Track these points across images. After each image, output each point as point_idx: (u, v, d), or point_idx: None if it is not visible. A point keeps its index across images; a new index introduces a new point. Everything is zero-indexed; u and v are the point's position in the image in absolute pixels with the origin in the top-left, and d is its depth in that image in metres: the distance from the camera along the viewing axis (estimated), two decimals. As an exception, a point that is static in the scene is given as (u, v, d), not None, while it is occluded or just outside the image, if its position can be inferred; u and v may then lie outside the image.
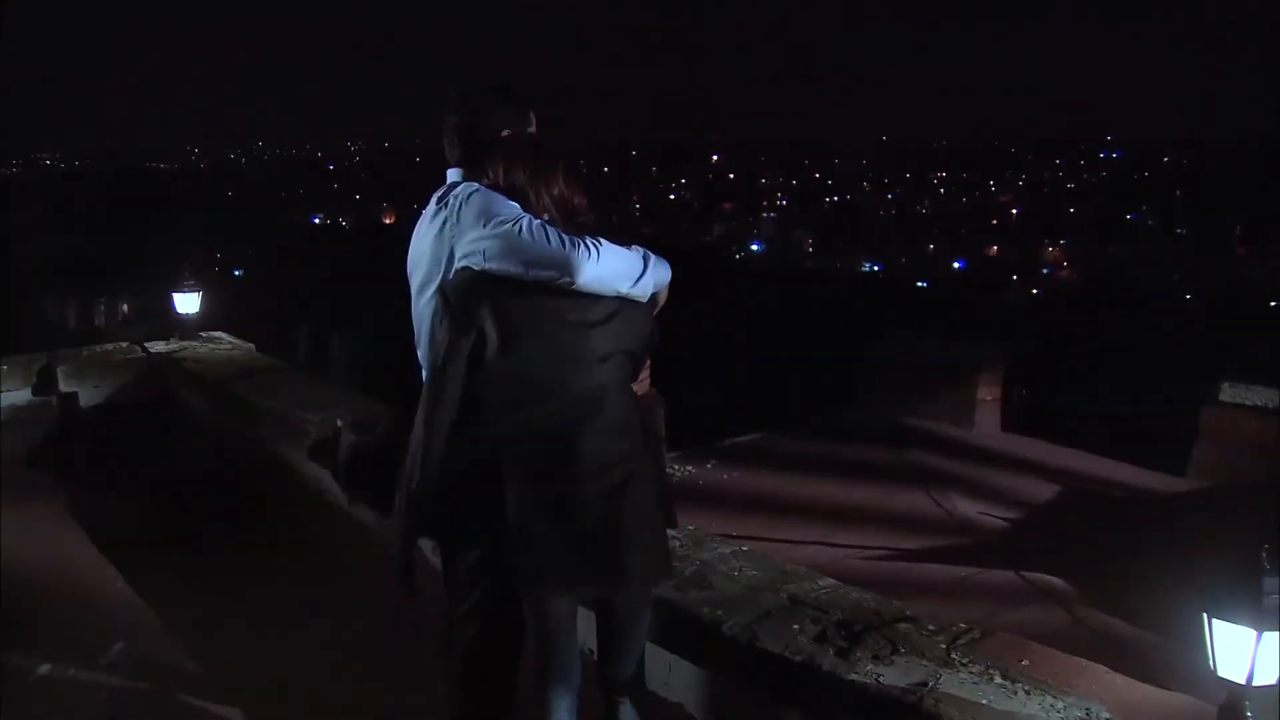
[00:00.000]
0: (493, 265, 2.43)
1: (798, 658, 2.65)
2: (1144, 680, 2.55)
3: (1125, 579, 4.74)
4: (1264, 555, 2.18)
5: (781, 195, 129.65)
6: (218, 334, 6.72)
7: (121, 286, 30.08)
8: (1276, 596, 2.13)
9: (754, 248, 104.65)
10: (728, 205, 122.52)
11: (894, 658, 2.62)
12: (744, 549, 3.32)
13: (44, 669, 3.73)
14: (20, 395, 6.06)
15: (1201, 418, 8.47)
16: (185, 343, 6.44)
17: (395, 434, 2.86)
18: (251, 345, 6.52)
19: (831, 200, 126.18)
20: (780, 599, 2.94)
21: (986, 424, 9.49)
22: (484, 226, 2.44)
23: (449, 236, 2.51)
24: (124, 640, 3.94)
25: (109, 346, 6.52)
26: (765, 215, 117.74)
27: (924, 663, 2.59)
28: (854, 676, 2.54)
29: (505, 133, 2.65)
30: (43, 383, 6.06)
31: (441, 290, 2.54)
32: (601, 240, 2.44)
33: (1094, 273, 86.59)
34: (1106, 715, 2.35)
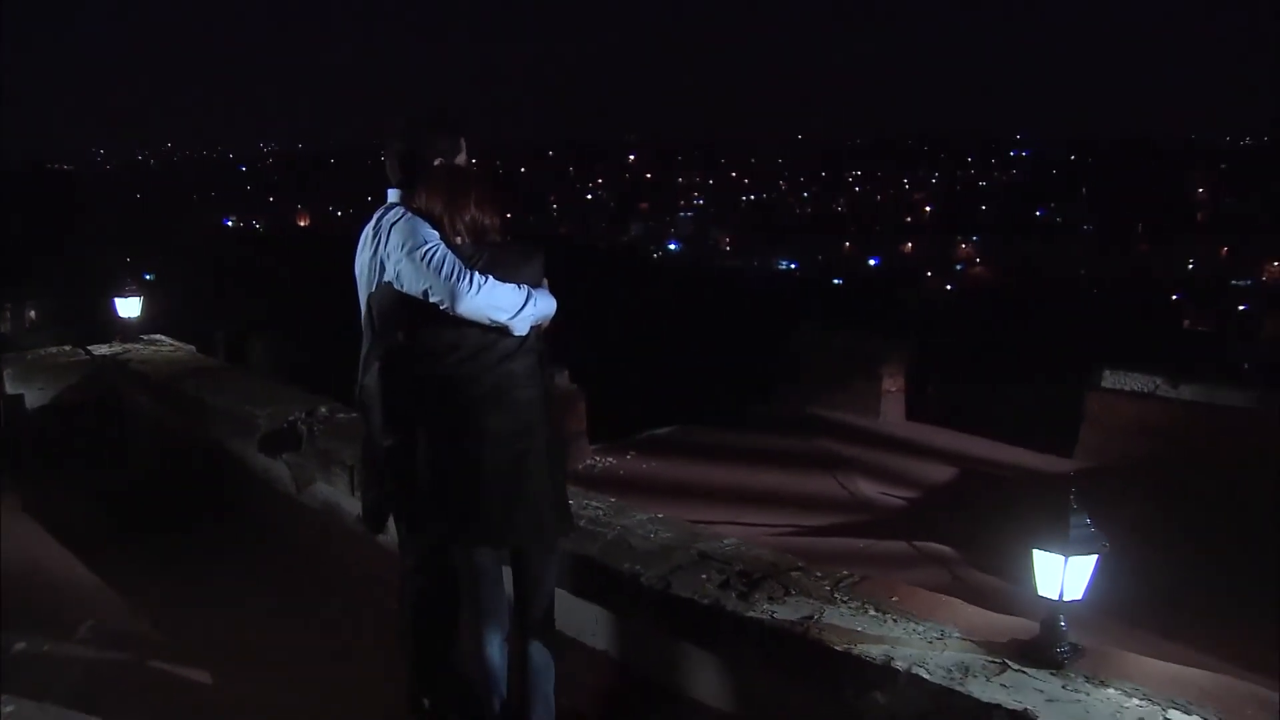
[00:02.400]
0: (409, 285, 2.89)
1: (705, 601, 3.12)
2: (992, 611, 3.09)
3: (1001, 545, 5.30)
4: (1072, 498, 2.72)
5: (698, 195, 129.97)
6: (158, 336, 6.98)
7: (26, 292, 29.39)
8: (1079, 530, 2.67)
9: (671, 247, 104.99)
10: (644, 205, 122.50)
11: (786, 598, 3.11)
12: (659, 516, 3.79)
13: (20, 646, 4.05)
14: (-36, 399, 6.26)
15: (1086, 403, 9.09)
16: (128, 345, 6.69)
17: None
18: (192, 347, 6.80)
19: (748, 199, 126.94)
20: (690, 555, 3.42)
21: (891, 413, 10.07)
22: (402, 251, 2.90)
23: (380, 255, 2.98)
24: (93, 619, 4.28)
25: (53, 350, 6.73)
26: (682, 215, 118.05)
27: (811, 601, 3.09)
28: (752, 614, 3.03)
29: (437, 161, 3.09)
30: (-11, 385, 6.27)
31: (368, 301, 3.01)
32: (489, 278, 2.86)
33: (1004, 268, 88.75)
34: (956, 633, 2.88)
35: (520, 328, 2.91)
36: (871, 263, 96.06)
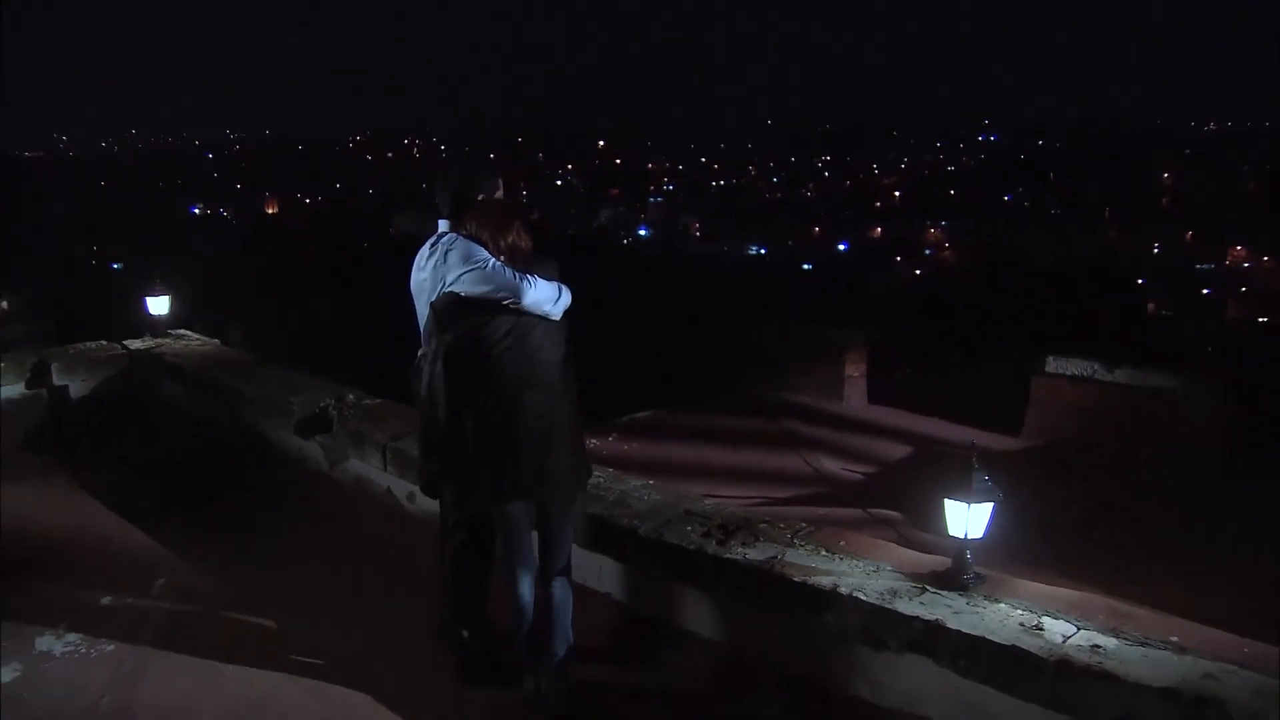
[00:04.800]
0: (472, 291, 3.64)
1: (691, 547, 3.91)
2: (919, 552, 3.88)
3: (939, 509, 6.10)
4: (974, 459, 3.51)
5: (668, 180, 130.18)
6: (184, 331, 7.66)
7: (-3, 282, 29.64)
8: (980, 484, 3.46)
9: (641, 233, 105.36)
10: (615, 191, 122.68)
11: (755, 544, 3.89)
12: (650, 483, 4.57)
13: (105, 600, 4.76)
14: (14, 389, 6.92)
15: (1031, 386, 9.87)
16: (158, 339, 7.37)
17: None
18: (217, 340, 7.49)
19: (717, 185, 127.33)
20: (678, 512, 4.20)
21: (854, 397, 10.80)
22: (464, 265, 3.66)
23: (440, 271, 3.71)
24: (162, 578, 4.99)
25: (91, 345, 7.39)
26: (652, 200, 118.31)
27: (775, 545, 3.88)
28: (729, 555, 3.82)
29: (480, 197, 3.85)
30: (35, 377, 6.93)
31: (432, 306, 3.75)
32: (536, 278, 3.68)
33: (973, 253, 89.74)
34: (888, 567, 3.67)
35: (557, 314, 3.72)
36: (841, 247, 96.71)
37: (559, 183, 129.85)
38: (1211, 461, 7.94)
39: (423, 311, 3.85)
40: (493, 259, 3.68)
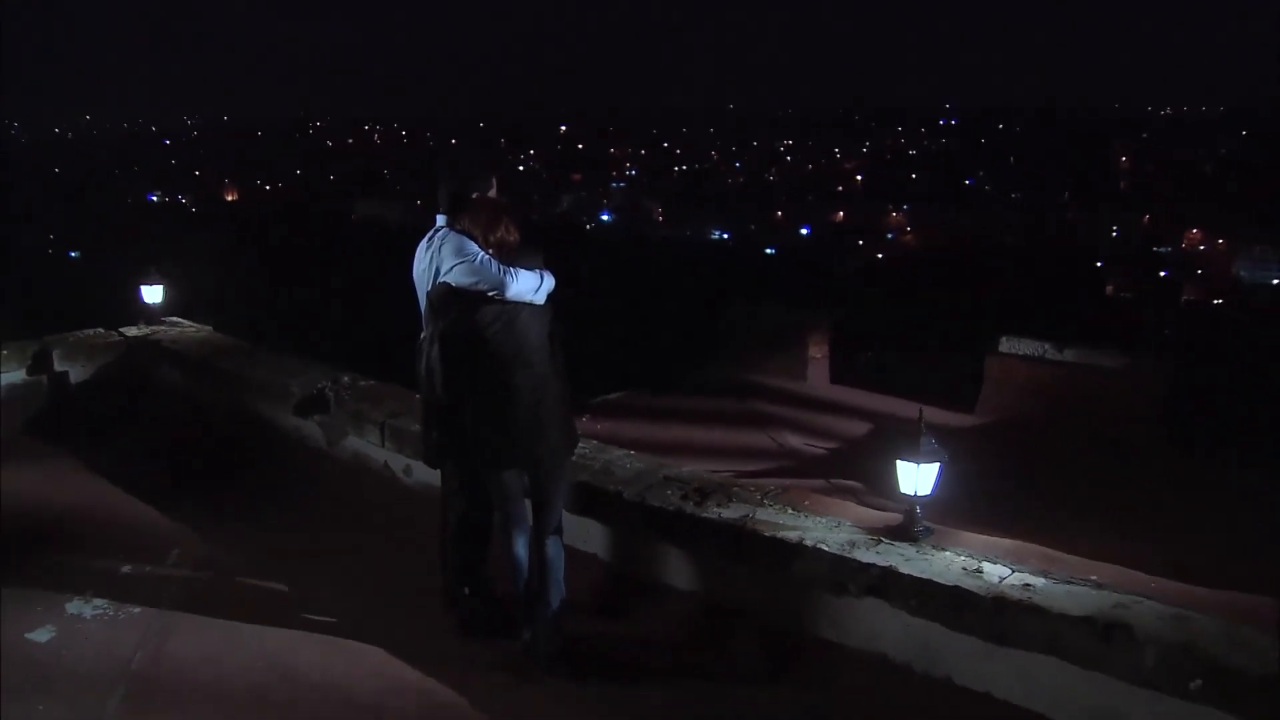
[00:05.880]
0: (462, 281, 4.05)
1: (671, 508, 4.36)
2: (875, 509, 4.36)
3: (888, 480, 6.58)
4: (921, 425, 3.98)
5: (630, 165, 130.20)
6: (176, 319, 7.98)
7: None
8: (927, 447, 3.94)
9: (604, 218, 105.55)
10: (577, 176, 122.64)
11: (729, 504, 4.34)
12: (631, 453, 5.01)
13: (126, 569, 5.13)
14: (15, 375, 7.22)
15: (985, 365, 10.38)
16: (154, 327, 7.70)
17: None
18: (210, 327, 7.82)
19: (680, 169, 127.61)
20: (658, 478, 4.65)
21: (816, 377, 11.26)
22: (456, 257, 4.07)
23: (435, 263, 4.12)
24: (177, 548, 5.36)
25: (89, 332, 7.69)
26: (614, 185, 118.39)
27: (747, 505, 4.33)
28: (705, 515, 4.27)
29: (475, 195, 4.25)
30: (37, 364, 7.24)
31: (428, 295, 4.16)
32: (520, 271, 4.08)
33: (934, 236, 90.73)
34: (848, 523, 4.14)
35: (540, 299, 4.13)
36: (803, 232, 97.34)
37: (521, 168, 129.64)
38: (1152, 434, 8.50)
39: (422, 299, 4.25)
40: (482, 253, 4.08)
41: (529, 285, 4.08)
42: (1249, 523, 6.03)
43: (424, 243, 4.27)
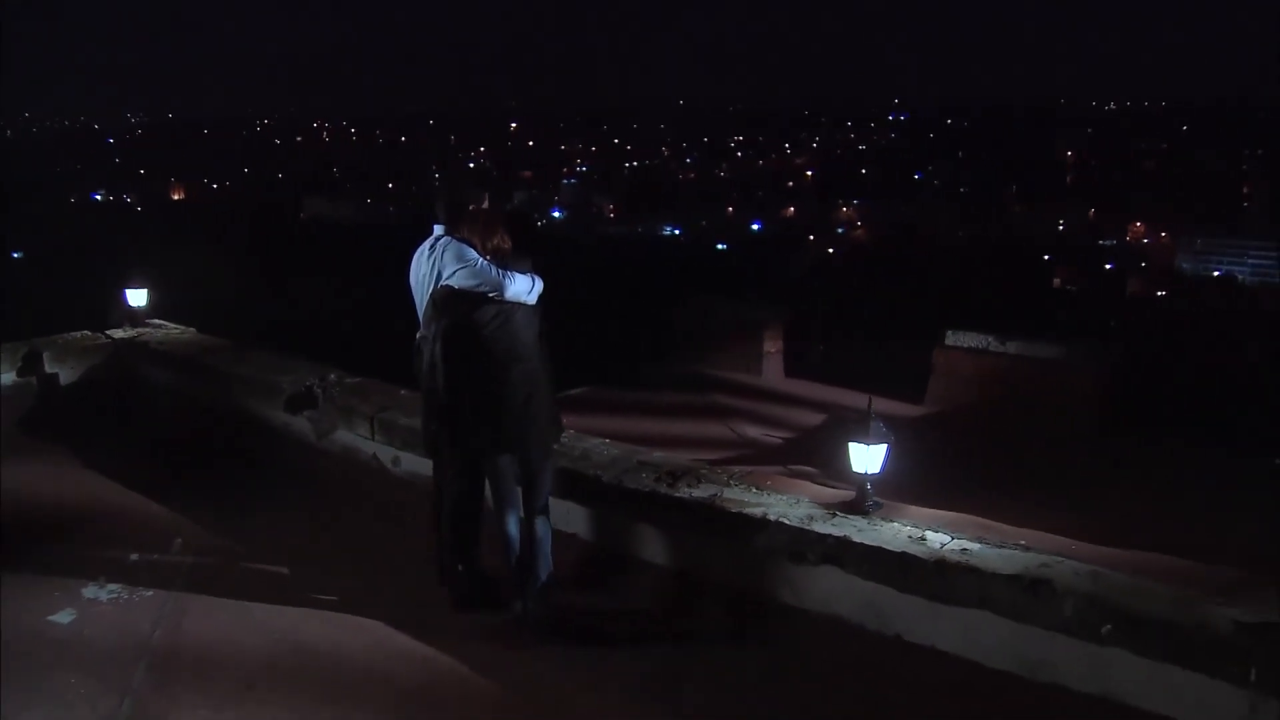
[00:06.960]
0: (464, 284, 4.46)
1: (645, 489, 4.82)
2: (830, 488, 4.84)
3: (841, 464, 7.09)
4: (870, 408, 4.47)
5: (581, 161, 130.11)
6: (158, 321, 8.27)
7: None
8: (875, 429, 4.42)
9: (555, 215, 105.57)
10: (527, 173, 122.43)
11: (699, 485, 4.81)
12: (607, 441, 5.46)
13: (133, 557, 5.47)
14: (7, 377, 7.48)
15: (933, 357, 10.88)
16: (139, 329, 8.00)
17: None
18: (193, 329, 8.13)
19: (631, 166, 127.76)
20: (633, 463, 5.11)
21: (771, 371, 11.69)
22: (458, 263, 4.49)
23: (438, 268, 4.53)
24: (179, 537, 5.70)
25: (76, 334, 7.96)
26: (565, 182, 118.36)
27: (715, 485, 4.81)
28: (677, 495, 4.74)
29: (470, 207, 4.68)
30: (27, 365, 7.51)
31: (431, 296, 4.56)
32: (515, 274, 4.52)
33: (884, 230, 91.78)
34: (806, 499, 4.61)
35: (532, 300, 4.58)
36: (755, 227, 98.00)
37: (471, 165, 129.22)
38: (1090, 420, 9.04)
39: (421, 301, 4.67)
40: (481, 258, 4.52)
41: (524, 287, 4.53)
42: (1167, 496, 6.61)
43: (424, 249, 4.69)
